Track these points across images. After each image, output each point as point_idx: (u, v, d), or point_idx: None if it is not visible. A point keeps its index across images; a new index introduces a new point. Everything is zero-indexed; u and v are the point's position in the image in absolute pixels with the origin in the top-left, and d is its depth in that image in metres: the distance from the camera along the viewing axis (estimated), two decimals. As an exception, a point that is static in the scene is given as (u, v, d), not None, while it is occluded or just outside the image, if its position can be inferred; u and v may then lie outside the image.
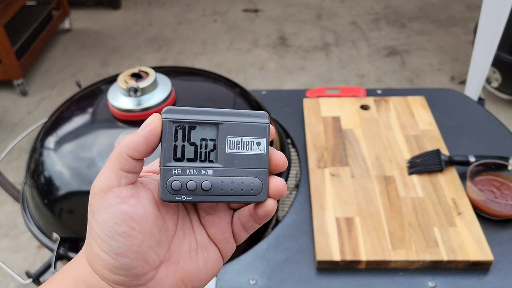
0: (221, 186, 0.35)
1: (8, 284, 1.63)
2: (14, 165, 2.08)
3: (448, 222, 0.82)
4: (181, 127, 0.35)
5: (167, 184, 0.34)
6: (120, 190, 0.33)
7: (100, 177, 0.33)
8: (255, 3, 3.44)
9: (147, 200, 0.34)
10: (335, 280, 0.77)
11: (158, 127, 0.33)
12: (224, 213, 0.37)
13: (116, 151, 0.33)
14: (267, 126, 0.36)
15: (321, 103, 1.12)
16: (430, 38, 2.91)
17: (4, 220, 1.88)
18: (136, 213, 0.33)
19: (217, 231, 0.37)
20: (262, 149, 0.35)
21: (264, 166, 0.35)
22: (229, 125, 0.35)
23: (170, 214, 0.36)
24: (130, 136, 0.33)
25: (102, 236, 0.32)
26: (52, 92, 2.61)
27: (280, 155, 0.36)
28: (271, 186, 0.35)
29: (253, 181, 0.35)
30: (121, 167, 0.33)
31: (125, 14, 3.38)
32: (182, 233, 0.37)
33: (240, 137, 0.35)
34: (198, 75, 1.10)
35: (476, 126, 1.07)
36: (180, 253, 0.36)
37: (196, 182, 0.34)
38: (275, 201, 0.36)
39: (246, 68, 2.73)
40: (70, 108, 0.97)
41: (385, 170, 0.94)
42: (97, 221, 0.32)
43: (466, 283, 0.76)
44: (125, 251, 0.32)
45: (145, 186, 0.35)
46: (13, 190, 1.15)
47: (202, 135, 0.35)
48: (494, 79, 2.24)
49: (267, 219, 0.36)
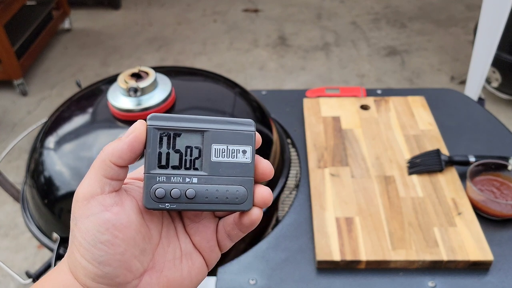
0: (205, 194, 0.34)
1: (8, 284, 1.63)
2: (14, 165, 2.08)
3: (448, 222, 0.82)
4: (166, 134, 0.34)
5: (151, 192, 0.33)
6: (104, 197, 0.32)
7: (83, 185, 0.33)
8: (255, 3, 3.44)
9: (131, 207, 0.34)
10: (335, 280, 0.77)
11: (142, 134, 0.33)
12: (209, 221, 0.37)
13: (99, 158, 0.33)
14: (253, 134, 0.35)
15: (321, 103, 1.12)
16: (430, 38, 2.91)
17: (4, 220, 1.88)
18: (120, 221, 0.32)
19: (202, 239, 0.37)
20: (248, 157, 0.35)
21: (249, 174, 0.35)
22: (214, 133, 0.35)
23: (154, 222, 0.35)
24: (114, 143, 0.33)
25: (85, 245, 0.32)
26: (52, 92, 2.61)
27: (266, 164, 0.36)
28: (257, 195, 0.35)
29: (238, 189, 0.35)
30: (104, 174, 0.32)
31: (125, 14, 3.38)
32: (167, 241, 0.36)
33: (225, 145, 0.35)
34: (198, 75, 1.10)
35: (476, 126, 1.07)
36: (164, 261, 0.36)
37: (180, 190, 0.34)
38: (260, 210, 0.35)
39: (246, 68, 2.73)
40: (70, 108, 0.97)
41: (385, 170, 0.94)
42: (79, 229, 0.32)
43: (466, 283, 0.76)
44: (108, 259, 0.32)
45: (129, 193, 0.35)
46: (13, 190, 1.16)
47: (187, 143, 0.35)
48: (494, 79, 2.24)
49: (252, 228, 0.36)
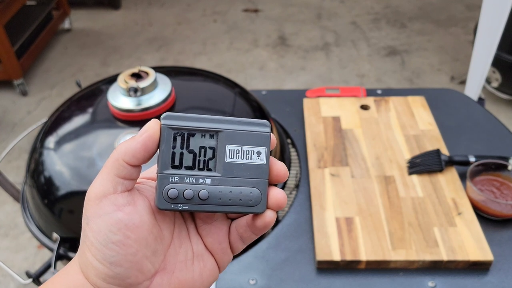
0: (219, 196, 0.34)
1: (8, 284, 1.63)
2: (14, 165, 2.08)
3: (448, 222, 0.82)
4: (180, 134, 0.34)
5: (163, 192, 0.33)
6: (116, 197, 0.32)
7: (96, 184, 0.32)
8: (255, 3, 3.44)
9: (143, 208, 0.33)
10: (335, 280, 0.77)
11: (156, 133, 0.33)
12: (221, 222, 0.36)
13: (112, 157, 0.32)
14: (268, 135, 0.35)
15: (321, 103, 1.12)
16: (430, 38, 2.91)
17: (4, 220, 1.88)
18: (132, 221, 0.32)
19: (214, 241, 0.36)
20: (263, 159, 0.34)
21: (264, 176, 0.34)
22: (229, 133, 0.34)
23: (166, 222, 0.35)
24: (127, 142, 0.32)
25: (96, 244, 0.31)
26: (52, 92, 2.61)
27: (281, 166, 0.35)
28: (271, 197, 0.34)
29: (252, 191, 0.34)
30: (117, 173, 0.32)
31: (125, 14, 3.38)
32: (178, 242, 0.36)
33: (240, 146, 0.34)
34: (198, 75, 1.10)
35: (476, 126, 1.07)
36: (176, 262, 0.35)
37: (193, 191, 0.33)
38: (274, 213, 0.35)
39: (246, 68, 2.73)
40: (70, 108, 0.97)
41: (385, 170, 0.94)
42: (91, 229, 0.32)
43: (466, 283, 0.76)
44: (120, 260, 0.31)
45: (142, 193, 0.34)
46: (13, 190, 1.16)
47: (201, 143, 0.34)
48: (494, 79, 2.24)
49: (266, 231, 0.36)
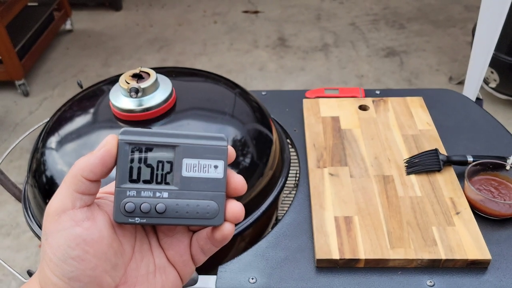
0: (176, 209, 0.34)
1: (10, 283, 1.64)
2: (16, 165, 2.09)
3: (446, 221, 0.83)
4: (138, 149, 0.34)
5: (120, 206, 0.33)
6: (75, 212, 0.32)
7: (55, 199, 0.32)
8: (255, 4, 3.45)
9: (103, 222, 0.33)
10: (334, 278, 0.78)
11: (114, 148, 0.33)
12: (182, 235, 0.37)
13: (71, 172, 0.32)
14: (225, 149, 0.35)
15: (321, 103, 1.13)
16: (428, 39, 2.91)
17: (6, 220, 1.88)
18: (90, 236, 0.32)
19: (176, 254, 0.36)
20: (220, 172, 0.35)
21: (221, 189, 0.35)
22: (186, 148, 0.35)
23: (127, 236, 0.35)
24: (85, 157, 0.33)
25: (55, 260, 0.31)
26: (54, 93, 2.61)
27: (239, 179, 0.36)
28: (228, 210, 0.35)
29: (209, 204, 0.35)
30: (76, 189, 0.32)
31: (126, 15, 3.39)
32: (140, 256, 0.36)
33: (197, 159, 0.35)
34: (199, 76, 1.11)
35: (474, 126, 1.08)
36: (137, 276, 0.35)
37: (150, 204, 0.34)
38: (232, 225, 0.35)
39: (246, 69, 2.73)
40: (71, 108, 0.98)
41: (383, 169, 0.94)
42: (50, 245, 0.32)
43: (464, 282, 0.77)
44: (78, 275, 0.31)
45: (102, 208, 0.34)
46: (15, 189, 1.16)
47: (158, 157, 0.35)
48: (492, 79, 2.25)
49: (225, 243, 0.36)
